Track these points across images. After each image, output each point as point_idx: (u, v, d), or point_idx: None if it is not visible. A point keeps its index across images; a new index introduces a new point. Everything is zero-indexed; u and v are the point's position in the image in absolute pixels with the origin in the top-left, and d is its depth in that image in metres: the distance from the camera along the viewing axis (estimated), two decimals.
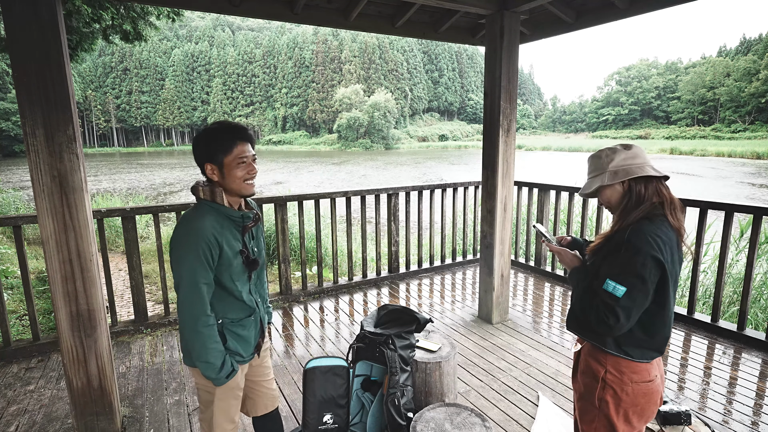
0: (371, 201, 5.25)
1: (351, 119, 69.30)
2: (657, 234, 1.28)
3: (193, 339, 1.42)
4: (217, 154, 1.43)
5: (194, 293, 1.40)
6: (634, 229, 1.29)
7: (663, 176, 1.38)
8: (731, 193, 17.94)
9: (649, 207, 1.34)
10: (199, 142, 1.45)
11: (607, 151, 1.43)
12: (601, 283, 1.30)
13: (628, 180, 1.36)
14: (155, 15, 5.90)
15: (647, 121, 77.15)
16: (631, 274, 1.25)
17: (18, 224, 2.98)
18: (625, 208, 1.37)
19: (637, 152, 1.39)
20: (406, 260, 4.90)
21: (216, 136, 1.44)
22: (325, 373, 2.24)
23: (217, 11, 2.98)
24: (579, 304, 1.38)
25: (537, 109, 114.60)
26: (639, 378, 1.35)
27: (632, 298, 1.25)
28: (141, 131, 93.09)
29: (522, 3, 3.10)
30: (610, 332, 1.29)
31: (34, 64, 1.95)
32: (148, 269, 6.14)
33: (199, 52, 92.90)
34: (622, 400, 1.35)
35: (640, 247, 1.26)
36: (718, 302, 3.36)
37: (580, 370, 1.48)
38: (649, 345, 1.35)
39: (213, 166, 1.44)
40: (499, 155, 3.45)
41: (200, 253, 1.38)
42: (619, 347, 1.36)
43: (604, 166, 1.40)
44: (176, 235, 1.41)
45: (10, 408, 2.57)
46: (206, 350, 1.43)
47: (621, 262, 1.28)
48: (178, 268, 1.40)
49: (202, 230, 1.39)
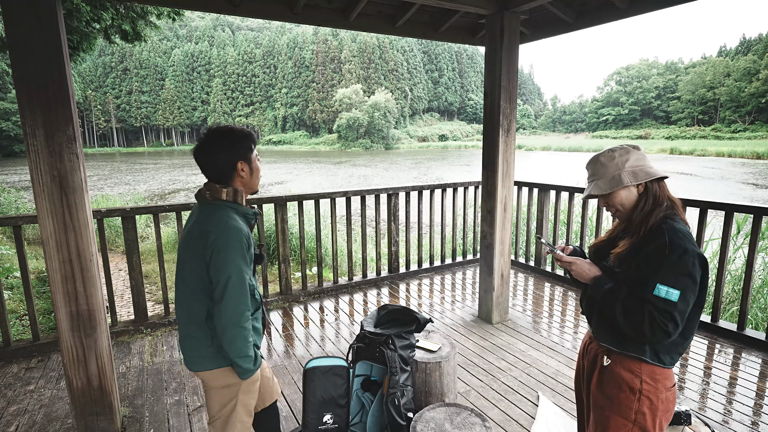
0: (371, 201, 5.25)
1: (351, 119, 69.29)
2: (689, 233, 1.27)
3: (237, 335, 1.44)
4: (247, 153, 1.52)
5: (243, 291, 1.44)
6: (672, 230, 1.26)
7: (666, 177, 1.38)
8: (731, 194, 17.94)
9: (665, 208, 1.33)
10: (227, 142, 1.49)
11: (620, 151, 1.38)
12: (650, 290, 1.24)
13: (646, 182, 1.34)
14: (155, 15, 5.90)
15: (647, 121, 77.13)
16: (683, 276, 1.22)
17: (18, 224, 2.98)
18: (643, 209, 1.34)
19: (644, 153, 1.39)
20: (406, 260, 4.90)
21: (239, 137, 1.51)
22: (325, 373, 2.24)
23: (217, 11, 2.98)
24: (623, 316, 1.28)
25: (537, 109, 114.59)
26: (669, 383, 1.33)
27: (686, 301, 1.22)
28: (141, 131, 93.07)
29: (522, 3, 3.10)
30: (667, 338, 1.24)
31: (34, 64, 1.95)
32: (148, 269, 6.14)
33: (199, 52, 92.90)
34: (658, 408, 1.33)
35: (686, 247, 1.23)
36: (718, 302, 3.36)
37: (608, 383, 1.38)
38: (681, 349, 1.33)
39: (245, 164, 1.52)
40: (499, 155, 3.45)
41: (244, 251, 1.44)
42: (656, 355, 1.31)
43: (620, 167, 1.36)
44: (218, 236, 1.42)
45: (10, 408, 2.57)
46: (247, 344, 1.47)
47: (670, 264, 1.23)
48: (226, 268, 1.41)
49: (241, 230, 1.45)
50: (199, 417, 2.48)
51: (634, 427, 1.34)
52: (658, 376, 1.32)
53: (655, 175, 1.33)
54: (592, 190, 1.40)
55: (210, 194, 1.50)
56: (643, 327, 1.23)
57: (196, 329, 1.51)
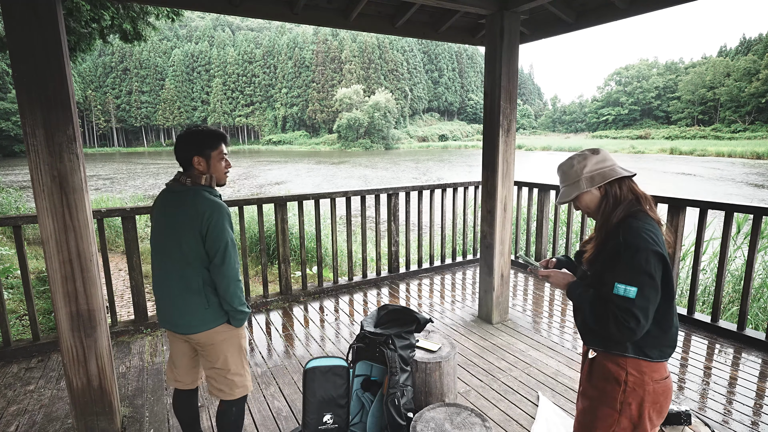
0: (371, 201, 5.24)
1: (351, 119, 69.28)
2: (647, 229, 1.30)
3: (236, 287, 1.76)
4: (205, 150, 1.78)
5: (234, 251, 1.76)
6: (626, 229, 1.31)
7: (632, 174, 1.42)
8: (732, 194, 17.94)
9: (628, 205, 1.37)
10: (188, 140, 1.78)
11: (578, 158, 1.46)
12: (610, 289, 1.29)
13: (604, 184, 1.40)
14: (155, 15, 5.90)
15: (647, 121, 77.12)
16: (638, 273, 1.26)
17: (18, 224, 2.98)
18: (605, 211, 1.40)
19: (604, 156, 1.43)
20: (406, 260, 4.90)
21: (200, 137, 1.79)
22: (325, 373, 2.24)
23: (217, 11, 2.98)
24: (592, 316, 1.35)
25: (537, 109, 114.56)
26: (658, 376, 1.36)
27: (645, 296, 1.26)
28: (141, 131, 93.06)
29: (522, 3, 3.10)
30: (633, 335, 1.27)
31: (34, 64, 1.95)
32: (148, 269, 6.13)
33: (199, 52, 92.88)
34: (645, 400, 1.35)
35: (639, 245, 1.27)
36: (718, 302, 3.36)
37: (596, 375, 1.45)
38: (665, 341, 1.36)
39: (201, 159, 1.78)
40: (499, 155, 3.45)
41: (229, 223, 1.75)
42: (640, 350, 1.35)
43: (579, 174, 1.43)
44: (211, 213, 1.70)
45: (10, 408, 2.56)
46: (241, 296, 1.79)
47: (625, 263, 1.28)
48: (223, 235, 1.71)
49: (224, 205, 1.76)
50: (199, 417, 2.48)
51: (620, 416, 1.38)
52: (645, 369, 1.36)
53: (611, 177, 1.38)
54: (559, 197, 1.51)
55: (191, 180, 1.77)
56: (610, 326, 1.29)
57: (193, 297, 1.75)
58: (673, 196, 3.60)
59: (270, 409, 2.55)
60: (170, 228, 1.74)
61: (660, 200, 3.69)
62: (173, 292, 1.76)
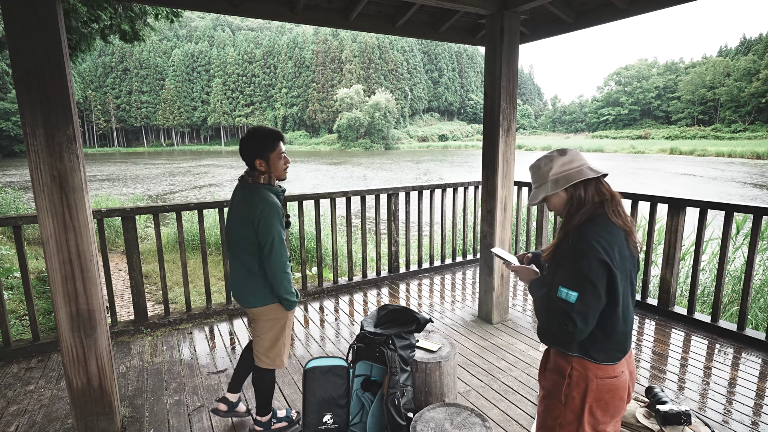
0: (371, 201, 5.25)
1: (351, 119, 69.27)
2: (600, 235, 1.30)
3: (283, 277, 2.03)
4: (265, 153, 2.02)
5: (282, 246, 2.00)
6: (577, 234, 1.32)
7: (602, 175, 1.40)
8: (732, 194, 17.94)
9: (591, 209, 1.36)
10: (249, 143, 2.03)
11: (545, 160, 1.46)
12: (555, 291, 1.32)
13: (569, 186, 1.39)
14: (154, 15, 5.90)
15: (647, 121, 77.11)
16: (580, 279, 1.27)
17: (18, 224, 2.98)
18: (569, 213, 1.40)
19: (572, 156, 1.42)
20: (406, 260, 4.90)
21: (258, 140, 2.02)
22: (325, 373, 2.24)
23: (217, 11, 2.98)
24: (538, 314, 1.40)
25: (537, 109, 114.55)
26: (603, 374, 1.37)
27: (585, 302, 1.27)
28: (141, 131, 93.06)
29: (522, 3, 3.10)
30: (571, 338, 1.30)
31: (34, 64, 1.95)
32: (148, 269, 6.14)
33: (199, 52, 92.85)
34: (587, 395, 1.37)
35: (584, 251, 1.28)
36: (718, 302, 3.36)
37: (549, 368, 1.50)
38: (610, 345, 1.37)
39: (262, 161, 2.03)
40: (499, 155, 3.45)
41: (281, 219, 2.01)
42: (584, 351, 1.37)
43: (545, 176, 1.43)
44: (263, 209, 1.96)
45: (10, 408, 2.57)
46: (290, 284, 2.08)
47: (569, 267, 1.30)
48: (270, 230, 1.96)
49: (277, 204, 2.01)
50: (199, 417, 2.48)
51: (565, 409, 1.41)
52: (589, 366, 1.37)
53: (575, 180, 1.37)
54: (529, 199, 1.52)
55: (251, 179, 2.04)
56: (552, 326, 1.33)
57: (252, 278, 2.07)
58: (673, 196, 3.60)
59: None
60: (235, 218, 2.06)
61: (660, 200, 3.70)
62: (238, 271, 2.10)
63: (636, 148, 49.02)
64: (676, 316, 3.65)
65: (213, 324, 3.70)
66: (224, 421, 2.45)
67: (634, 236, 1.37)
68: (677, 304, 3.90)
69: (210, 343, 3.38)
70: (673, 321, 3.63)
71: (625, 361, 1.42)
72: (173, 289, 5.26)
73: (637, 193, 3.83)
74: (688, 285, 4.35)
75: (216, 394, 2.70)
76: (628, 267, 1.35)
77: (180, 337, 3.46)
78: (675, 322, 3.61)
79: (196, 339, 3.43)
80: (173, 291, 5.21)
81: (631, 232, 1.36)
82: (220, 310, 3.84)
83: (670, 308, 3.70)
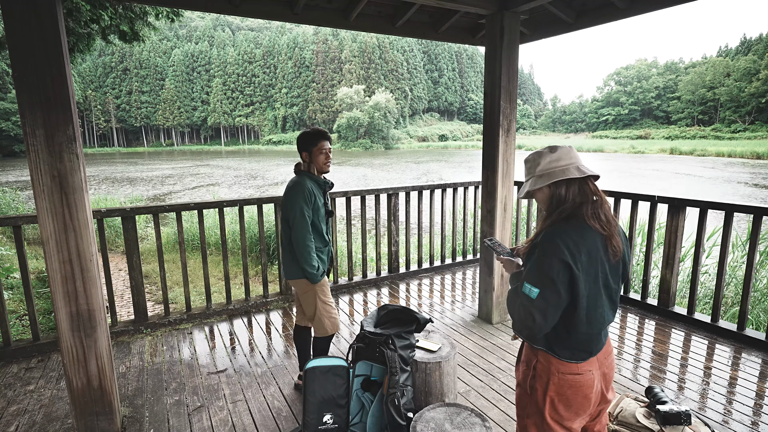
0: (371, 201, 5.25)
1: (351, 119, 69.27)
2: (568, 235, 1.31)
3: (303, 250, 2.35)
4: (309, 147, 2.45)
5: (303, 220, 2.33)
6: (546, 233, 1.35)
7: (589, 176, 1.39)
8: (732, 194, 17.94)
9: (570, 208, 1.36)
10: (299, 139, 2.48)
11: (534, 155, 1.46)
12: (521, 286, 1.35)
13: (551, 183, 1.39)
14: (154, 15, 5.90)
15: (647, 121, 77.11)
16: (542, 276, 1.30)
17: (18, 224, 2.98)
18: (548, 210, 1.42)
19: (561, 154, 1.41)
20: (406, 260, 4.90)
21: (305, 137, 2.46)
22: (325, 373, 2.24)
23: (217, 11, 2.98)
24: (509, 306, 1.43)
25: (537, 109, 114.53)
26: (565, 369, 1.38)
27: (545, 299, 1.29)
28: (141, 131, 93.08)
29: (522, 3, 3.10)
30: (531, 332, 1.34)
31: (34, 64, 1.95)
32: (148, 269, 6.14)
33: (199, 52, 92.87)
34: (548, 388, 1.40)
35: (548, 250, 1.30)
36: (718, 302, 3.36)
37: (520, 359, 1.54)
38: (573, 344, 1.37)
39: (306, 154, 2.45)
40: (499, 155, 3.45)
41: (305, 197, 2.35)
42: (549, 346, 1.40)
43: (532, 171, 1.45)
44: (291, 189, 2.39)
45: (10, 408, 2.57)
46: (311, 257, 2.37)
47: (534, 265, 1.33)
48: (295, 207, 2.34)
49: (306, 185, 2.37)
50: (199, 417, 2.48)
51: (530, 399, 1.45)
52: (553, 361, 1.39)
53: (558, 178, 1.37)
54: (519, 192, 1.57)
55: (296, 168, 2.50)
56: (517, 319, 1.38)
57: (287, 252, 2.46)
58: (673, 196, 3.60)
59: (270, 409, 2.55)
60: (282, 199, 2.47)
61: (660, 200, 3.70)
62: (283, 245, 2.49)
63: (636, 148, 49.01)
64: (676, 316, 3.65)
65: (213, 324, 3.70)
66: (224, 421, 2.45)
67: (613, 240, 1.35)
68: (678, 304, 3.90)
69: (210, 343, 3.38)
70: (673, 321, 3.63)
71: (596, 361, 1.42)
72: (173, 289, 5.26)
73: (637, 193, 3.84)
74: (688, 285, 4.35)
75: (216, 394, 2.70)
76: (601, 271, 1.34)
77: (180, 337, 3.46)
78: (675, 322, 3.61)
79: (196, 339, 3.43)
80: (173, 291, 5.21)
81: (610, 236, 1.35)
82: (220, 310, 3.84)
83: (670, 308, 3.71)
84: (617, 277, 1.41)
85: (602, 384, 1.45)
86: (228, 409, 2.55)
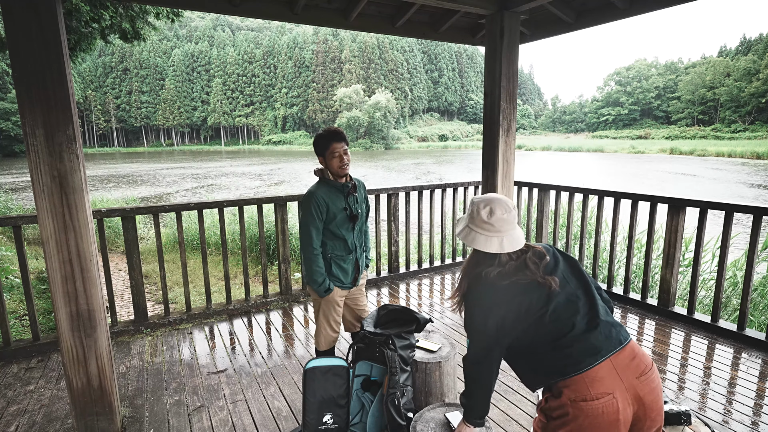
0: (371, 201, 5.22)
1: (351, 119, 69.29)
2: (490, 292, 1.40)
3: (307, 259, 2.31)
4: (322, 151, 2.34)
5: (306, 233, 2.28)
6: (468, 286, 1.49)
7: (505, 253, 1.39)
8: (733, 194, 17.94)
9: (486, 266, 1.43)
10: (315, 143, 2.37)
11: (480, 203, 1.43)
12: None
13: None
14: (154, 15, 5.90)
15: (647, 121, 77.12)
16: (472, 329, 1.47)
17: (18, 224, 2.98)
18: (468, 265, 1.53)
19: (495, 220, 1.38)
20: (406, 260, 4.90)
21: (318, 140, 2.34)
22: (325, 373, 2.24)
23: (217, 11, 2.98)
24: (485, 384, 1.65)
25: (537, 109, 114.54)
26: (577, 394, 1.28)
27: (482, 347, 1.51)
28: (141, 131, 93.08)
29: (522, 3, 3.10)
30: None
31: (34, 64, 1.95)
32: (148, 269, 6.14)
33: (199, 52, 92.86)
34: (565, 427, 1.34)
35: (473, 306, 1.46)
36: (718, 302, 3.36)
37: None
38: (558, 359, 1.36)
39: (321, 157, 2.35)
40: (499, 155, 3.45)
41: (313, 210, 2.27)
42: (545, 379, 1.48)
43: (469, 219, 1.45)
44: (303, 200, 2.33)
45: (10, 408, 2.57)
46: (312, 270, 2.31)
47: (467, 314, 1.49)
48: (304, 215, 2.30)
49: (316, 196, 2.28)
50: (199, 417, 2.48)
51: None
52: (561, 389, 1.34)
53: (478, 247, 1.39)
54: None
55: (314, 173, 2.41)
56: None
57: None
58: (673, 196, 3.60)
59: (270, 409, 2.55)
60: None
61: (660, 200, 3.70)
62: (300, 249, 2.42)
63: (636, 148, 49.03)
64: (676, 316, 3.65)
65: (213, 324, 3.70)
66: (224, 421, 2.45)
67: (545, 284, 1.35)
68: (678, 304, 3.90)
69: (210, 343, 3.38)
70: (673, 321, 3.63)
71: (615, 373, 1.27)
72: (173, 289, 5.26)
73: (637, 193, 3.84)
74: (688, 285, 4.35)
75: (216, 394, 2.70)
76: (531, 314, 1.36)
77: (180, 337, 3.47)
78: (675, 322, 3.61)
79: (196, 339, 3.43)
80: (173, 291, 5.22)
81: (541, 284, 1.35)
82: (219, 310, 3.84)
83: (670, 308, 3.71)
84: (576, 277, 1.43)
85: (635, 407, 1.24)
86: (228, 409, 2.55)
